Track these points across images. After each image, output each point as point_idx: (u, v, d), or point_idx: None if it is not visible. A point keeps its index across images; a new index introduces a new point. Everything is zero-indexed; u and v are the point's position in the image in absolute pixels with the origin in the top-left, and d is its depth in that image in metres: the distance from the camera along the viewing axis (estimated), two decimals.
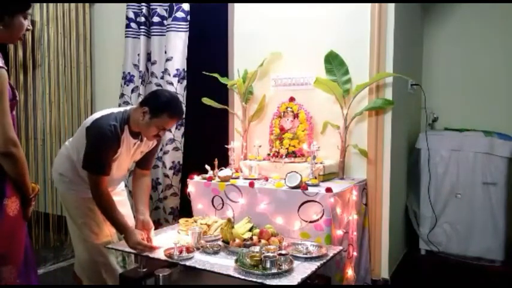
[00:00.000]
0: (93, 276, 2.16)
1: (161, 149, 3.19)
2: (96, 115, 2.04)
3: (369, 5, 2.60)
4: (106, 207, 2.02)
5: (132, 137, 2.06)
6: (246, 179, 2.55)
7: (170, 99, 2.02)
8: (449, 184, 3.11)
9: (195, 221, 2.36)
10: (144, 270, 2.01)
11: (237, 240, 1.98)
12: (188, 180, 2.63)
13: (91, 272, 2.15)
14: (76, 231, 2.16)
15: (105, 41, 3.80)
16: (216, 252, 1.96)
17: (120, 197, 2.29)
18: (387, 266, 2.66)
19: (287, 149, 2.65)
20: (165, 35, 3.24)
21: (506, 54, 3.40)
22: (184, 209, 3.05)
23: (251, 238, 2.01)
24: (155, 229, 2.22)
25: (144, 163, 2.27)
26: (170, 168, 3.23)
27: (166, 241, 2.08)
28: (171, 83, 3.17)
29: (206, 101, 3.00)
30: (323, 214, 2.14)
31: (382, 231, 2.65)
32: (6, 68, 1.40)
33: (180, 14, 3.17)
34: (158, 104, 1.98)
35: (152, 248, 2.00)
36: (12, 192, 1.45)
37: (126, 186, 2.54)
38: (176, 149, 3.23)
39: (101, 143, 1.95)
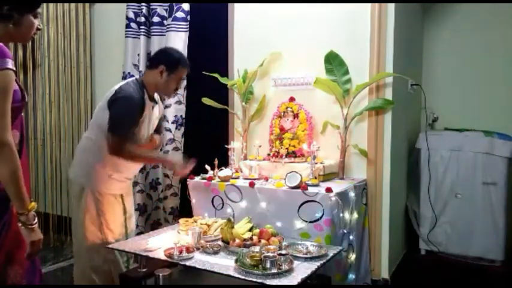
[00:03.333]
0: (105, 277, 2.15)
1: (161, 149, 3.18)
2: (115, 87, 2.09)
3: (369, 5, 2.60)
4: (138, 155, 2.10)
5: (150, 100, 2.17)
6: (246, 179, 2.55)
7: (178, 52, 2.29)
8: (449, 184, 3.11)
9: (195, 221, 2.36)
10: (144, 270, 2.01)
11: (237, 240, 1.99)
12: (188, 180, 2.63)
13: (102, 272, 2.14)
14: (89, 232, 2.10)
15: (105, 41, 3.80)
16: (216, 252, 1.96)
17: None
18: (387, 266, 2.66)
19: (287, 149, 2.65)
20: (165, 35, 3.24)
21: (506, 54, 3.40)
22: (184, 209, 3.04)
23: (251, 238, 2.01)
24: (155, 229, 2.22)
25: (158, 129, 2.40)
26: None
27: (166, 241, 2.09)
28: None
29: (206, 101, 3.00)
30: (323, 214, 2.14)
31: (382, 231, 2.66)
32: (14, 69, 1.36)
33: (180, 14, 3.17)
34: (173, 60, 2.15)
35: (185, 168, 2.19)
36: None
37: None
38: (176, 149, 3.23)
39: (130, 107, 2.02)
